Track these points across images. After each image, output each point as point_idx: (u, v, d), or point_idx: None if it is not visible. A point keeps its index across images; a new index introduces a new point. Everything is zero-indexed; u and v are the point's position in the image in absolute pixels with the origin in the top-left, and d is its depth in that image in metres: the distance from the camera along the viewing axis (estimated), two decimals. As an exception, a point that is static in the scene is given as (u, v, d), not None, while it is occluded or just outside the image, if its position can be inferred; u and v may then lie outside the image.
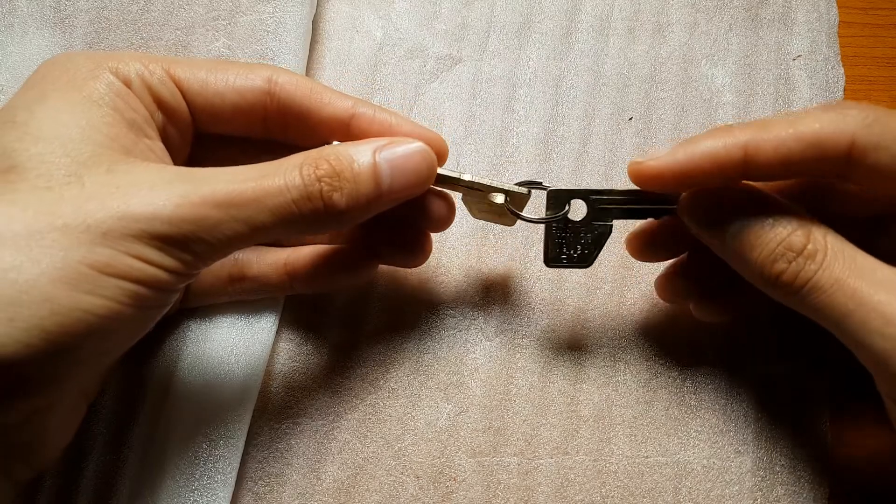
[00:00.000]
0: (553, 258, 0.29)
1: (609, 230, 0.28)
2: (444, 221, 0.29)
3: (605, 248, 0.32)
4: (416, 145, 0.25)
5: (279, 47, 0.32)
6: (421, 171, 0.25)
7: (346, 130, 0.27)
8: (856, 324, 0.23)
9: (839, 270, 0.23)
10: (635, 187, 0.27)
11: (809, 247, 0.24)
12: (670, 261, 0.31)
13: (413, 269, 0.33)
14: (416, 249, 0.29)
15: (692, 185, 0.26)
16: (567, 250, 0.29)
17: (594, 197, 0.28)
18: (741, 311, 0.30)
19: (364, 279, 0.30)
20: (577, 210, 0.28)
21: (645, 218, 0.28)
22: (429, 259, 0.32)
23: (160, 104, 0.25)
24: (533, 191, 0.28)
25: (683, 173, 0.25)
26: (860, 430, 0.31)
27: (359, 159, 0.24)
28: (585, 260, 0.29)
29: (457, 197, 0.30)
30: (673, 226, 0.29)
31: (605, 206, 0.28)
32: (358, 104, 0.27)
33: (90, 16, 0.33)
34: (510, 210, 0.28)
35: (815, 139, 0.23)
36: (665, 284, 0.30)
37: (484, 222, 0.32)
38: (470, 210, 0.30)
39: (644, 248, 0.30)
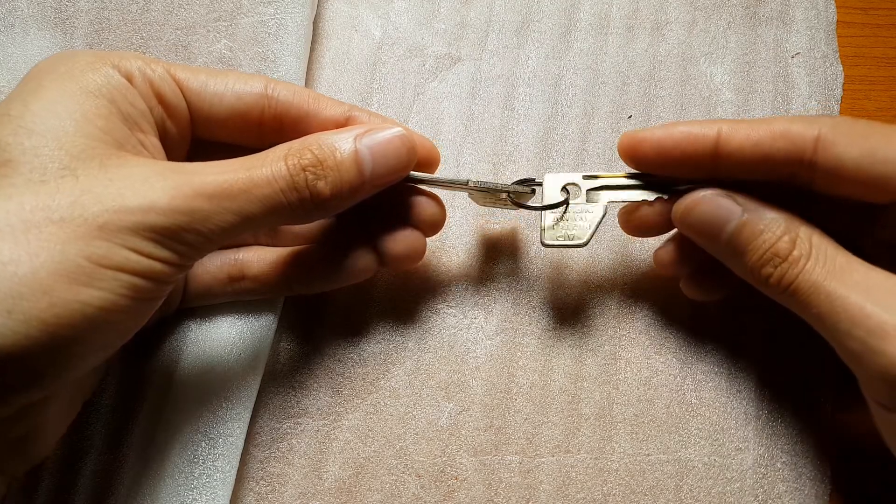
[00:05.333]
0: (549, 238, 0.29)
1: (604, 211, 0.29)
2: (437, 225, 0.30)
3: (605, 246, 0.33)
4: (395, 130, 0.26)
5: (280, 49, 0.32)
6: (401, 155, 0.26)
7: None
8: (829, 325, 0.24)
9: (818, 274, 0.25)
10: (630, 170, 0.29)
11: (794, 252, 0.25)
12: (669, 233, 0.31)
13: (412, 268, 0.33)
14: (410, 251, 0.29)
15: (669, 160, 0.27)
16: (564, 231, 0.29)
17: (588, 178, 0.29)
18: (731, 289, 0.30)
19: (362, 278, 0.30)
20: (574, 195, 0.29)
21: (638, 199, 0.29)
22: (429, 259, 0.33)
23: (161, 99, 0.25)
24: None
25: (662, 146, 0.27)
26: (862, 426, 0.31)
27: (341, 147, 0.25)
28: (581, 239, 0.29)
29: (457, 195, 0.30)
30: (663, 204, 0.29)
31: (599, 188, 0.29)
32: (353, 109, 0.28)
33: (90, 16, 0.33)
34: (516, 203, 0.30)
35: (784, 130, 0.25)
36: (664, 256, 0.31)
37: (484, 222, 0.33)
38: (475, 200, 0.31)
39: (636, 224, 0.30)
